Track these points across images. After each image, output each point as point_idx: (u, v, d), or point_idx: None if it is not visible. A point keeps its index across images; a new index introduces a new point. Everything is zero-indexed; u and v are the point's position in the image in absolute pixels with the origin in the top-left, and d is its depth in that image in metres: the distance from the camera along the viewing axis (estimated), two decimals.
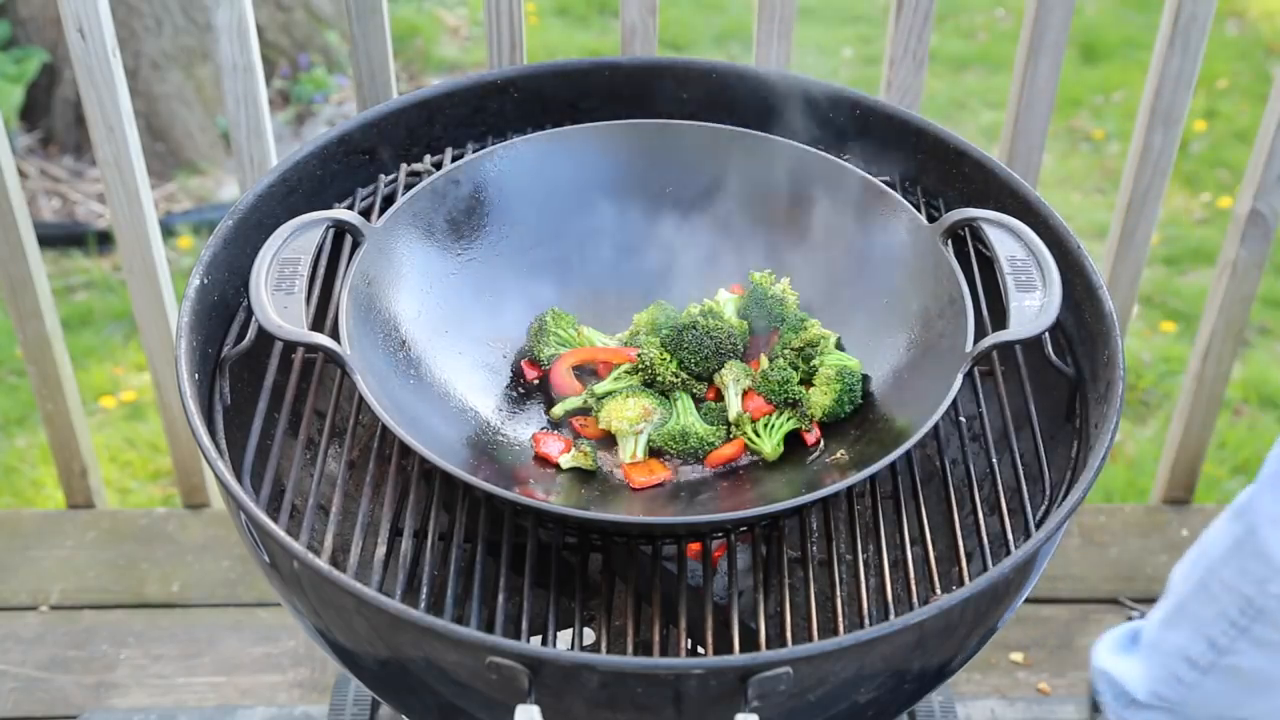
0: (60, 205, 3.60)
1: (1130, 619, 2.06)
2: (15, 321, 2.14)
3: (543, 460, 1.28)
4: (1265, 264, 2.14)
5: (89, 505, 2.37)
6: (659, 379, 1.32)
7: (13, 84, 3.59)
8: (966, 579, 1.17)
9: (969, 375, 1.24)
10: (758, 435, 1.30)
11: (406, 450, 1.18)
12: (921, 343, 1.29)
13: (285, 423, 1.27)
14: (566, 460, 1.28)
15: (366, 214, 1.48)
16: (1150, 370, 3.06)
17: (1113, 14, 4.40)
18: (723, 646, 1.17)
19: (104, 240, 3.43)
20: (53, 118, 3.74)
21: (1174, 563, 2.27)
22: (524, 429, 1.32)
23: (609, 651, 1.21)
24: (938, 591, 1.16)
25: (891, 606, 1.15)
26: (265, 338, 1.24)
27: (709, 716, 1.02)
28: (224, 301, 1.33)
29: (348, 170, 1.50)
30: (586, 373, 1.37)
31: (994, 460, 1.28)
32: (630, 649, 1.12)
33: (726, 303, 1.40)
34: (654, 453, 1.31)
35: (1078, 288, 1.35)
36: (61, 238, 3.43)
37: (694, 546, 1.26)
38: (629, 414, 1.30)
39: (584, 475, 1.28)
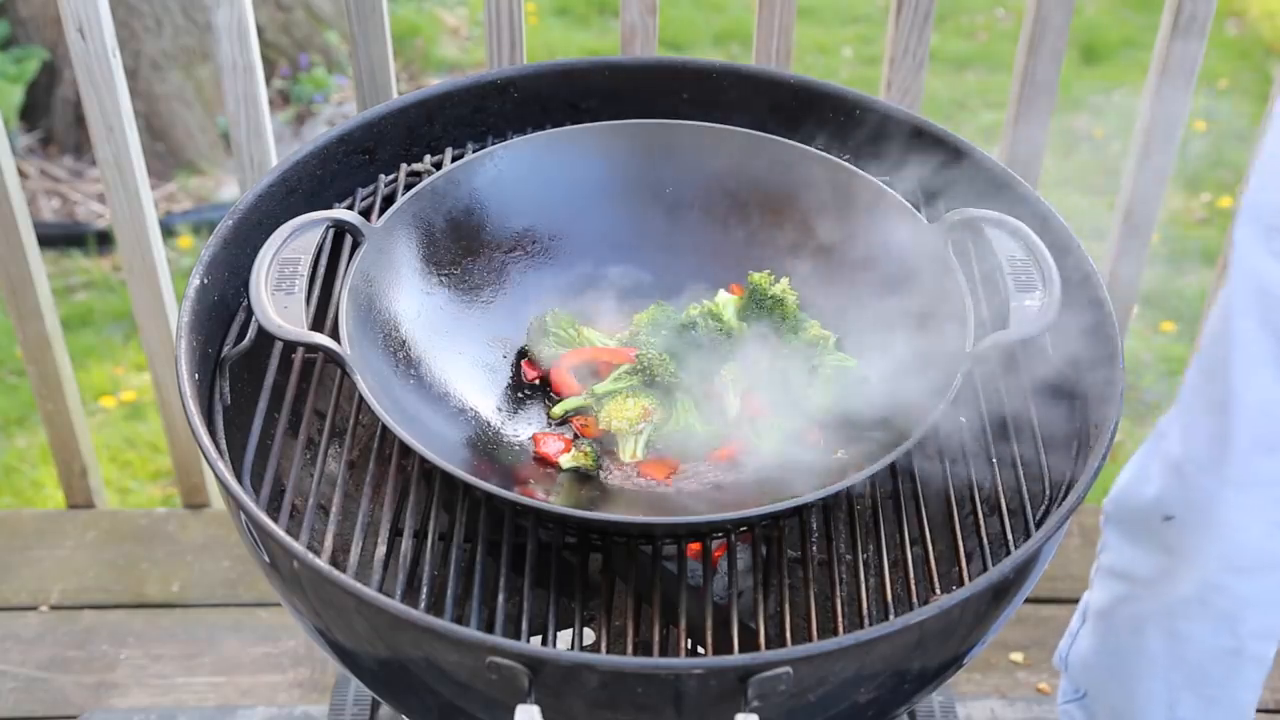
0: (60, 205, 3.60)
1: None
2: (15, 321, 2.14)
3: (543, 460, 1.28)
4: None
5: (89, 505, 2.37)
6: (659, 379, 1.32)
7: (13, 84, 3.58)
8: (966, 579, 1.17)
9: (969, 375, 1.24)
10: (758, 435, 1.30)
11: (406, 450, 1.18)
12: (921, 343, 1.29)
13: (285, 423, 1.27)
14: (566, 460, 1.28)
15: (366, 214, 1.48)
16: (1150, 370, 3.06)
17: (1113, 14, 4.40)
18: (723, 646, 1.17)
19: (104, 240, 3.43)
20: (53, 118, 3.74)
21: None
22: (524, 429, 1.32)
23: (609, 651, 1.20)
24: (938, 591, 1.16)
25: (891, 606, 1.15)
26: (265, 338, 1.24)
27: (709, 716, 1.02)
28: (224, 301, 1.33)
29: (348, 170, 1.50)
30: (587, 373, 1.37)
31: (994, 460, 1.28)
32: (630, 649, 1.12)
33: (726, 303, 1.39)
34: (654, 453, 1.31)
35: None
36: (61, 238, 3.43)
37: (694, 546, 1.26)
38: (629, 414, 1.30)
39: (584, 475, 1.28)
